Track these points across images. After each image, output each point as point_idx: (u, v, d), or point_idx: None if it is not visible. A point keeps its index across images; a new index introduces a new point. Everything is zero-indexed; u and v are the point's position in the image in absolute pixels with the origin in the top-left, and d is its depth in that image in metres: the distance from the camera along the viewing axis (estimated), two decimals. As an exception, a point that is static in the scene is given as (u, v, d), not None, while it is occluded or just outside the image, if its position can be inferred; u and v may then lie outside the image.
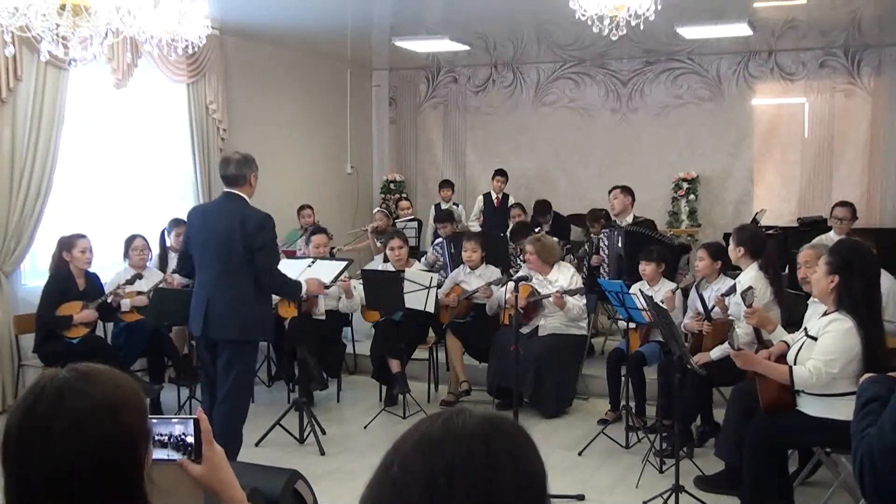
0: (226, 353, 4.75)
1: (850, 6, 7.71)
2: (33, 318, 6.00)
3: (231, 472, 1.69)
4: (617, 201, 7.45)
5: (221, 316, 4.70)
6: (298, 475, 2.51)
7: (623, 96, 10.46)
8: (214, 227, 4.75)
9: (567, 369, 6.40)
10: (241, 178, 4.77)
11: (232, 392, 4.76)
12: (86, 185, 7.25)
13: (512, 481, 1.06)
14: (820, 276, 3.93)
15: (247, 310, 4.73)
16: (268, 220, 4.78)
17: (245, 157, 4.84)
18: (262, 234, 4.71)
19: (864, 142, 9.48)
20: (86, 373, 1.41)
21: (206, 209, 4.99)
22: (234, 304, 4.71)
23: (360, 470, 5.13)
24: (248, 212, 4.74)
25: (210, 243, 4.77)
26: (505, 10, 7.95)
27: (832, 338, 3.84)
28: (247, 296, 4.72)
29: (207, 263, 4.79)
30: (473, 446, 1.07)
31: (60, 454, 1.33)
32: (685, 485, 4.46)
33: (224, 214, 4.74)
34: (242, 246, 4.66)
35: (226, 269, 4.71)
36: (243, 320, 4.72)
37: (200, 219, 4.90)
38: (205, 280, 4.80)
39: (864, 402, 2.07)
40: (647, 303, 4.96)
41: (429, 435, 1.10)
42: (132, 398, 1.42)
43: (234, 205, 4.75)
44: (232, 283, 4.71)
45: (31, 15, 3.88)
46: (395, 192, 11.17)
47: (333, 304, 6.71)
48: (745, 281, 5.09)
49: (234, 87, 8.66)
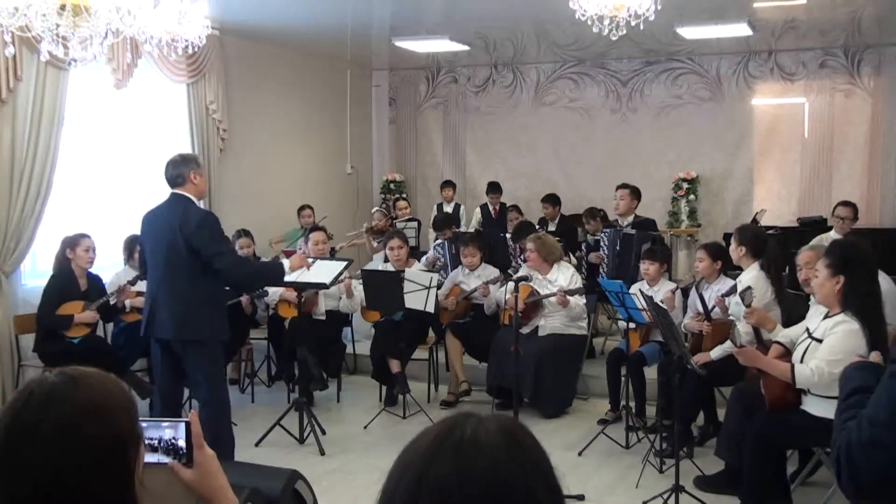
0: (186, 358, 4.72)
1: (850, 6, 7.71)
2: (33, 318, 5.99)
3: (223, 476, 1.68)
4: (623, 202, 7.28)
5: (164, 315, 4.68)
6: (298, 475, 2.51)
7: (623, 96, 10.46)
8: (158, 228, 4.75)
9: (567, 369, 6.40)
10: (180, 178, 4.73)
11: (209, 398, 4.73)
12: (86, 185, 7.25)
13: (545, 493, 1.07)
14: (823, 280, 3.88)
15: (189, 309, 4.65)
16: (207, 217, 4.72)
17: (183, 157, 4.85)
18: (201, 232, 4.60)
19: (864, 142, 9.48)
20: (74, 377, 1.40)
21: (154, 211, 4.93)
22: (175, 304, 4.66)
23: (360, 470, 5.13)
24: (189, 211, 4.68)
25: (153, 244, 4.79)
26: (505, 10, 7.94)
27: (838, 339, 3.83)
28: (189, 296, 4.65)
29: (153, 264, 4.81)
30: (499, 457, 1.06)
31: (49, 458, 1.33)
32: (685, 485, 4.46)
33: (166, 216, 4.73)
34: (184, 246, 4.60)
35: (168, 269, 4.68)
36: (184, 320, 4.65)
37: (148, 221, 4.90)
38: (151, 281, 4.82)
39: (848, 392, 2.02)
40: (647, 303, 4.96)
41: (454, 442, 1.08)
42: (121, 401, 1.41)
43: (176, 206, 4.71)
44: (173, 283, 4.67)
45: (31, 15, 3.88)
46: (395, 192, 11.16)
47: (333, 304, 6.71)
48: (745, 281, 5.09)
49: (234, 87, 8.66)
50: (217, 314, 4.82)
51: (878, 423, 1.70)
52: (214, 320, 4.78)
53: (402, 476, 1.07)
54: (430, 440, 1.09)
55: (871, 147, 9.43)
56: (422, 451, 1.08)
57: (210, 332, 4.76)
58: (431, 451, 1.07)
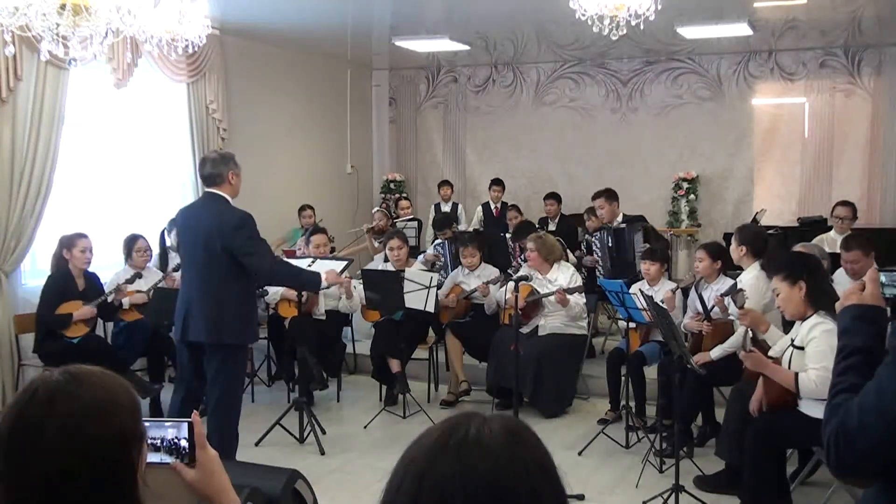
0: (214, 359, 4.67)
1: (850, 6, 7.71)
2: (33, 317, 5.99)
3: (226, 477, 1.68)
4: (605, 211, 7.23)
5: (199, 318, 4.62)
6: (298, 475, 2.50)
7: (623, 96, 10.46)
8: (194, 227, 4.69)
9: (567, 369, 6.40)
10: (219, 178, 4.65)
11: (221, 399, 4.70)
12: (86, 185, 7.25)
13: (548, 493, 1.07)
14: (786, 294, 4.04)
15: (224, 312, 4.60)
16: (246, 219, 4.62)
17: (223, 156, 4.77)
18: (239, 233, 4.55)
19: (864, 142, 9.48)
20: (78, 375, 1.40)
21: (188, 209, 4.89)
22: (209, 307, 4.60)
23: (360, 470, 5.13)
24: (227, 212, 4.62)
25: (189, 244, 4.73)
26: (505, 10, 7.94)
27: (819, 343, 3.91)
28: (225, 299, 4.60)
29: (188, 265, 4.76)
30: (502, 460, 1.06)
31: (52, 457, 1.33)
32: (685, 485, 4.46)
33: (203, 215, 4.67)
34: (221, 247, 4.54)
35: (204, 270, 4.63)
36: (218, 323, 4.60)
37: (183, 219, 4.86)
38: (186, 281, 4.77)
39: (847, 350, 1.82)
40: (647, 303, 4.96)
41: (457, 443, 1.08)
42: (125, 400, 1.42)
43: (214, 205, 4.65)
44: (209, 285, 4.61)
45: (31, 14, 3.88)
46: (396, 192, 11.17)
47: (333, 304, 6.71)
48: (746, 281, 5.10)
49: (234, 86, 8.66)
50: (250, 318, 4.82)
51: (868, 409, 1.66)
52: (247, 324, 4.76)
53: (405, 475, 1.07)
54: (433, 439, 1.09)
55: (871, 147, 9.43)
56: (425, 450, 1.08)
57: (243, 335, 4.76)
58: (434, 450, 1.07)
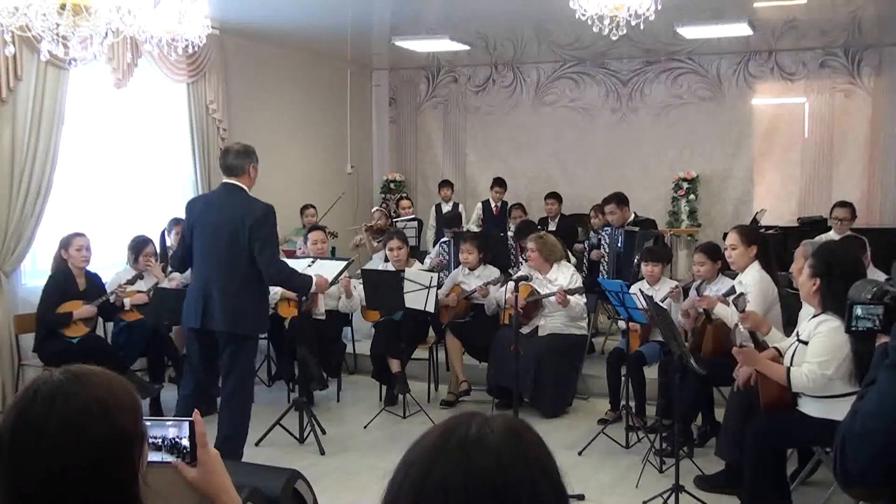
0: (228, 350, 4.75)
1: (850, 6, 7.71)
2: (33, 317, 6.00)
3: (227, 476, 1.68)
4: (615, 217, 7.19)
5: (220, 307, 4.67)
6: (298, 475, 2.50)
7: (623, 96, 10.46)
8: (215, 219, 4.73)
9: (567, 369, 6.40)
10: (240, 169, 4.75)
11: (237, 390, 4.78)
12: (86, 185, 7.25)
13: (549, 493, 1.07)
14: (804, 279, 3.99)
15: (245, 303, 4.71)
16: (270, 212, 4.75)
17: (245, 148, 4.84)
18: (263, 225, 4.67)
19: (864, 142, 9.48)
20: (79, 375, 1.41)
21: (207, 200, 4.92)
22: (232, 297, 4.68)
23: (360, 470, 5.13)
24: (250, 203, 4.72)
25: (210, 235, 4.75)
26: (505, 10, 7.94)
27: (822, 339, 3.89)
28: (246, 289, 4.70)
29: (208, 255, 4.77)
30: (504, 459, 1.06)
31: (54, 456, 1.33)
32: (685, 485, 4.46)
33: (225, 206, 4.72)
34: (245, 238, 4.64)
35: (227, 261, 4.68)
36: (240, 313, 4.70)
37: (201, 210, 4.87)
38: (204, 272, 4.78)
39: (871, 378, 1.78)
40: (647, 303, 4.96)
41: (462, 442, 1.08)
42: (126, 400, 1.42)
43: (235, 196, 4.73)
44: (232, 276, 4.68)
45: (31, 14, 3.88)
46: (396, 192, 11.17)
47: (333, 304, 6.70)
48: (747, 281, 5.09)
49: (234, 86, 8.66)
50: (265, 309, 4.98)
51: (870, 415, 1.68)
52: (262, 316, 4.91)
53: (406, 474, 1.07)
54: (434, 439, 1.09)
55: (871, 147, 9.43)
56: (427, 449, 1.08)
57: (259, 326, 4.93)
58: (436, 449, 1.07)
